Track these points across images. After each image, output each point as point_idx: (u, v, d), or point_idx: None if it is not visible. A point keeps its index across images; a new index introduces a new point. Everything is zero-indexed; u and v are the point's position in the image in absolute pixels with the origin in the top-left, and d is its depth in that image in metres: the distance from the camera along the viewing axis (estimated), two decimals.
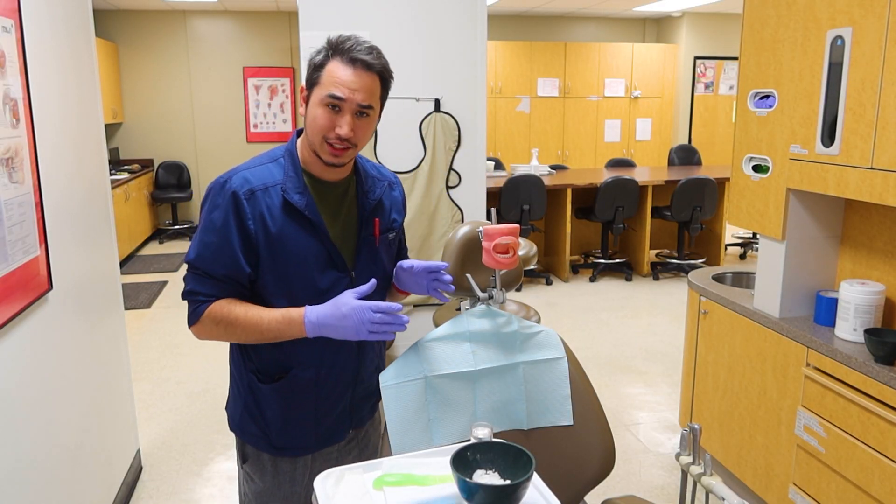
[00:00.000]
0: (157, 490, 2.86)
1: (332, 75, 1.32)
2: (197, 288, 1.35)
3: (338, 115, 1.32)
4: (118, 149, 8.11)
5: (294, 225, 1.36)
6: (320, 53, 1.35)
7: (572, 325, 4.94)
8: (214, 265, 1.34)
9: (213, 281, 1.35)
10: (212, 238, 1.34)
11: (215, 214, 1.34)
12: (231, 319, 1.34)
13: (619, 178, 5.84)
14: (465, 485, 1.08)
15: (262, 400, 1.44)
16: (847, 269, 2.40)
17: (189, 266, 1.37)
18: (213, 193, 1.36)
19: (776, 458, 2.40)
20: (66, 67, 2.30)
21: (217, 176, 1.40)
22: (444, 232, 2.88)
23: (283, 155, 1.41)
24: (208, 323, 1.35)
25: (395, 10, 2.69)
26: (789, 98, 2.27)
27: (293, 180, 1.38)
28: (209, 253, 1.34)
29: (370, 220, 1.46)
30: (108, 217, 2.74)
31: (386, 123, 2.78)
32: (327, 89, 1.31)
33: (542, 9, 8.37)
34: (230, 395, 1.53)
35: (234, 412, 1.50)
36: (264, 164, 1.40)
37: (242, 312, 1.35)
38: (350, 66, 1.31)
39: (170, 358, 4.33)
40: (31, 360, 1.89)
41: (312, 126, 1.34)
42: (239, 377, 1.48)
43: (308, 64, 1.37)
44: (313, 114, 1.34)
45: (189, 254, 1.37)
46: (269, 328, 1.34)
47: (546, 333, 1.61)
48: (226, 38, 8.15)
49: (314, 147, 1.36)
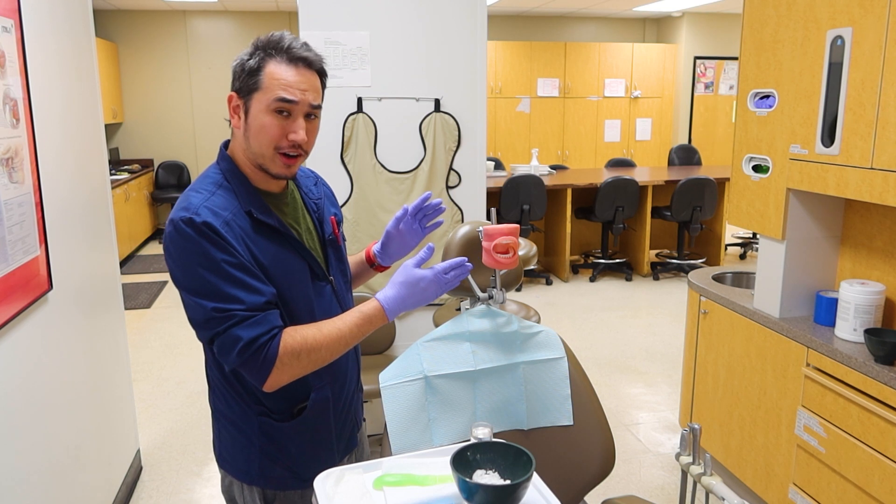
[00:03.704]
0: (157, 490, 2.86)
1: (275, 77, 1.20)
2: (251, 332, 1.15)
3: (289, 121, 1.21)
4: (118, 149, 8.11)
5: (273, 245, 1.25)
6: (252, 57, 1.21)
7: (572, 325, 4.94)
8: (250, 295, 1.17)
9: (262, 314, 1.17)
10: (223, 275, 1.16)
11: (205, 252, 1.15)
12: (311, 345, 1.20)
13: (619, 178, 5.84)
14: (465, 485, 1.08)
15: (283, 438, 1.32)
16: (847, 269, 2.40)
17: (219, 319, 1.15)
18: (185, 237, 1.16)
19: (776, 458, 2.40)
20: (66, 67, 2.30)
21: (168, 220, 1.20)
22: (444, 232, 2.88)
23: (227, 177, 1.26)
24: (288, 360, 1.18)
25: (395, 10, 2.69)
26: (789, 98, 2.27)
27: (252, 201, 1.25)
28: (234, 289, 1.16)
29: (325, 219, 1.41)
30: (108, 217, 2.74)
31: (386, 123, 2.78)
32: (273, 93, 1.19)
33: (542, 9, 8.36)
34: (230, 448, 1.36)
35: (248, 464, 1.34)
36: (212, 191, 1.23)
37: (315, 332, 1.21)
38: (293, 65, 1.21)
39: (170, 358, 4.33)
40: (31, 360, 1.89)
41: (260, 137, 1.21)
42: (243, 424, 1.33)
43: (235, 70, 1.23)
44: (259, 123, 1.21)
45: (204, 306, 1.15)
46: (351, 336, 1.24)
47: (546, 333, 1.61)
48: (226, 38, 8.15)
49: (260, 160, 1.24)
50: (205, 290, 1.16)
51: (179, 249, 1.17)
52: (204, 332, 1.19)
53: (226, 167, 1.28)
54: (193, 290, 1.17)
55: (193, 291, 1.17)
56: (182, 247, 1.17)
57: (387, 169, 2.81)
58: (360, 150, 2.78)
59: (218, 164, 1.30)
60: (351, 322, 1.25)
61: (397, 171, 2.82)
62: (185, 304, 1.21)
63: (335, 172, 2.77)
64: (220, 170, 1.28)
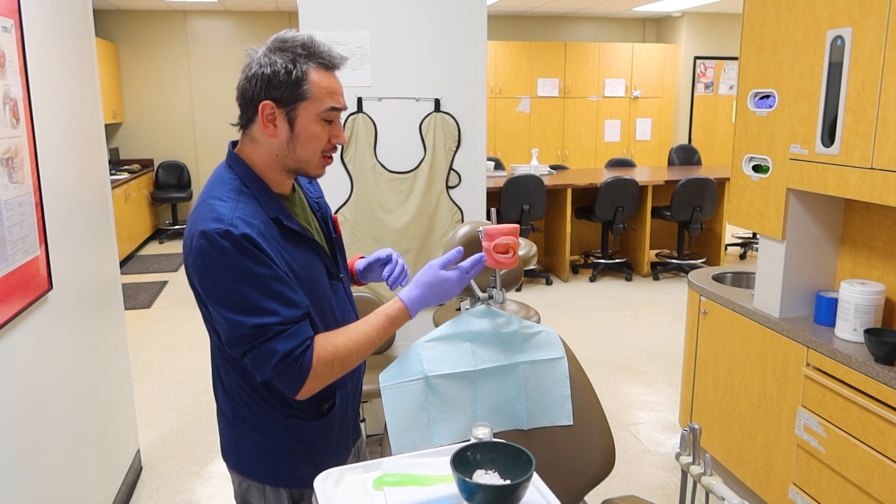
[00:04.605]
0: (157, 490, 2.86)
1: (322, 86, 1.20)
2: (286, 345, 1.15)
3: (332, 126, 1.24)
4: (118, 149, 8.11)
5: (300, 251, 1.26)
6: (293, 64, 1.18)
7: (572, 325, 4.94)
8: (287, 309, 1.16)
9: (296, 326, 1.17)
10: (261, 288, 1.14)
11: (242, 265, 1.13)
12: (343, 353, 1.22)
13: (619, 178, 5.84)
14: (465, 485, 1.08)
15: (312, 437, 1.34)
16: (847, 269, 2.40)
17: (255, 334, 1.14)
18: (221, 251, 1.12)
19: (776, 458, 2.40)
20: (66, 67, 2.30)
21: (195, 232, 1.15)
22: (443, 232, 2.88)
23: (246, 183, 1.23)
24: (321, 370, 1.19)
25: (394, 10, 2.69)
26: (789, 98, 2.27)
27: (276, 207, 1.24)
28: (272, 303, 1.15)
29: (328, 218, 1.43)
30: (108, 217, 2.74)
31: (386, 123, 2.78)
32: (323, 103, 1.20)
33: (542, 9, 8.36)
34: (253, 453, 1.34)
35: (275, 467, 1.33)
36: (236, 199, 1.20)
37: (345, 340, 1.23)
38: (330, 71, 1.22)
39: (170, 358, 4.33)
40: (31, 360, 1.89)
41: (311, 145, 1.22)
42: (269, 427, 1.32)
43: (273, 77, 1.18)
44: (310, 132, 1.21)
45: (243, 324, 1.13)
46: (378, 339, 1.27)
47: (546, 333, 1.61)
48: (226, 38, 8.15)
49: (303, 165, 1.25)
50: (243, 306, 1.14)
51: (214, 264, 1.14)
52: (238, 348, 1.17)
53: (242, 172, 1.24)
54: (230, 305, 1.15)
55: (230, 307, 1.15)
56: (217, 261, 1.13)
57: (387, 169, 2.81)
58: (360, 150, 2.79)
59: (232, 168, 1.26)
60: (378, 325, 1.26)
61: (397, 171, 2.82)
62: (217, 319, 1.18)
63: (335, 172, 2.78)
64: (237, 175, 1.24)
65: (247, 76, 1.21)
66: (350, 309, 1.42)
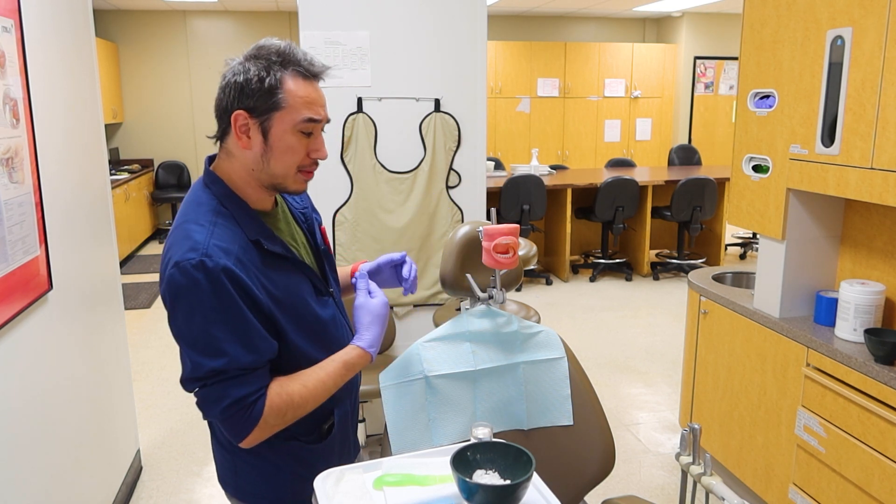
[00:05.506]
0: (157, 490, 2.86)
1: (298, 95, 1.13)
2: (240, 391, 1.11)
3: (311, 139, 1.17)
4: (118, 149, 8.12)
5: (283, 274, 1.19)
6: (266, 71, 1.11)
7: (572, 325, 4.94)
8: (250, 355, 1.11)
9: (255, 373, 1.13)
10: (230, 328, 1.09)
11: (213, 302, 1.07)
12: (297, 402, 1.17)
13: (619, 178, 5.84)
14: (465, 485, 1.08)
15: (314, 458, 1.32)
16: (847, 269, 2.40)
17: (213, 376, 1.10)
18: (193, 284, 1.07)
19: (776, 458, 2.40)
20: (66, 67, 2.30)
21: (169, 260, 1.09)
22: (444, 232, 2.88)
23: (223, 202, 1.17)
24: (272, 419, 1.14)
25: (394, 10, 2.69)
26: (789, 98, 2.27)
27: (256, 227, 1.17)
28: (237, 347, 1.10)
29: (314, 230, 1.37)
30: (108, 217, 2.74)
31: (386, 123, 2.78)
32: (300, 113, 1.13)
33: (542, 9, 8.36)
34: (253, 479, 1.30)
35: (277, 491, 1.30)
36: (213, 222, 1.13)
37: (300, 388, 1.18)
38: (309, 81, 1.15)
39: (170, 358, 4.33)
40: (31, 360, 1.89)
41: (286, 158, 1.15)
42: (269, 453, 1.28)
43: (244, 85, 1.11)
44: (286, 144, 1.14)
45: (202, 366, 1.09)
46: (335, 385, 1.23)
47: (546, 333, 1.61)
48: (226, 38, 8.15)
49: (279, 180, 1.18)
50: (205, 346, 1.09)
51: (183, 297, 1.08)
52: (191, 385, 1.13)
53: (219, 191, 1.18)
54: (193, 344, 1.10)
55: (193, 346, 1.10)
56: (187, 294, 1.08)
57: (387, 169, 2.81)
58: (360, 150, 2.78)
59: (208, 186, 1.19)
60: (335, 373, 1.23)
61: (397, 171, 2.82)
62: (180, 353, 1.14)
63: (335, 172, 2.78)
64: (214, 194, 1.17)
65: (221, 85, 1.16)
66: (343, 321, 1.36)
